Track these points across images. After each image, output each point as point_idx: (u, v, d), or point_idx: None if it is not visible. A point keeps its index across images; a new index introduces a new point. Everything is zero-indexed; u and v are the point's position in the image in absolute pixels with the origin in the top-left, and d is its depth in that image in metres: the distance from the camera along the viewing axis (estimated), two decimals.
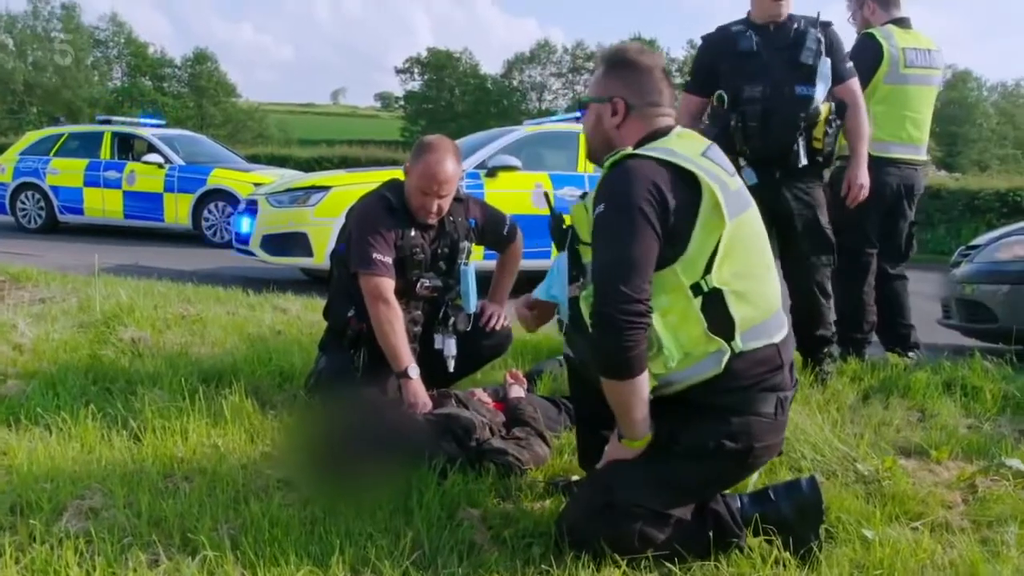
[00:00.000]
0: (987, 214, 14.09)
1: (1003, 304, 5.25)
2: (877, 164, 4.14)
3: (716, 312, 1.99)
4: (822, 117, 3.61)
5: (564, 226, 2.26)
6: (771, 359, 2.07)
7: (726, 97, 3.63)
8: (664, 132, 2.18)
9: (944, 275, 6.01)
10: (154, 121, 12.89)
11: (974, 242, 6.07)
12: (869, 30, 4.49)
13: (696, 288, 1.99)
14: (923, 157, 4.60)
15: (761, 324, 2.06)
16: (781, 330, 2.13)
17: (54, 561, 1.90)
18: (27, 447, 2.62)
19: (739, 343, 2.01)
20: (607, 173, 2.08)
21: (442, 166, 3.05)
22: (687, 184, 2.00)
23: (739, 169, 3.49)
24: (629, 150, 2.09)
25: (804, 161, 3.63)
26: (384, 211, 3.11)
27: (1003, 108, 61.70)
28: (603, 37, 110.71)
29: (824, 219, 3.80)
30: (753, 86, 3.56)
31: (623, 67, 2.25)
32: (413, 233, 3.14)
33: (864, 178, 3.94)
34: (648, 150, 2.07)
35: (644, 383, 2.00)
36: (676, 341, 2.00)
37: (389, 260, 3.04)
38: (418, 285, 3.18)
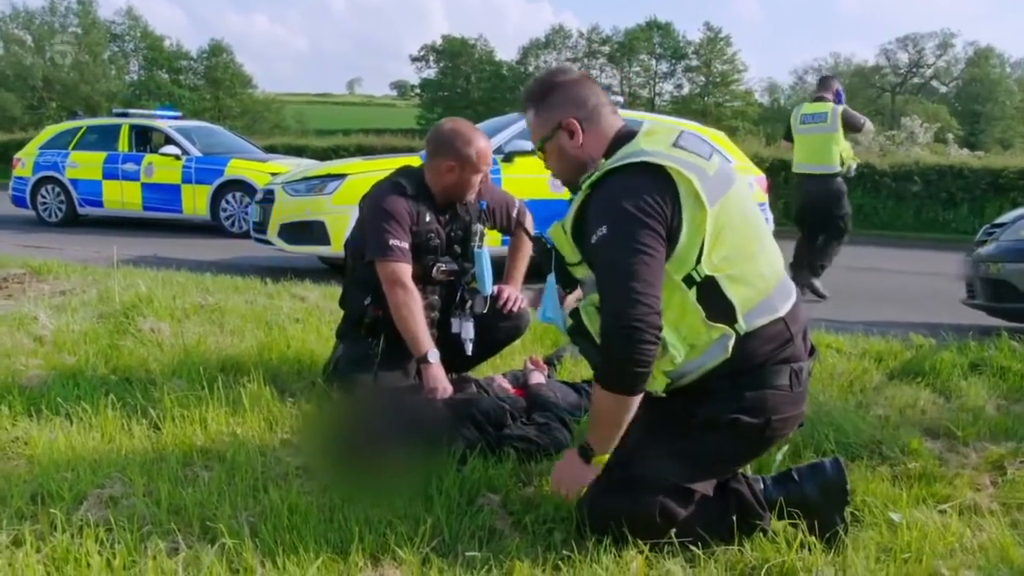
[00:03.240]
0: (1011, 192, 13.86)
1: None
2: None
3: (713, 299, 1.97)
4: None
5: (547, 247, 2.23)
6: (780, 334, 2.04)
7: None
8: (629, 134, 2.15)
9: (967, 255, 5.91)
10: (170, 113, 12.92)
11: (999, 220, 5.96)
12: None
13: (688, 279, 1.97)
14: None
15: (763, 301, 2.02)
16: (787, 301, 2.08)
17: (75, 549, 1.91)
18: (48, 437, 2.63)
19: (743, 324, 1.98)
20: (592, 195, 2.04)
21: (485, 140, 3.19)
22: (667, 181, 1.98)
23: None
24: (606, 166, 2.05)
25: None
26: (399, 197, 3.10)
27: None
28: (617, 20, 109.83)
29: None
30: None
31: (552, 92, 2.22)
32: (428, 218, 3.14)
33: None
34: (622, 160, 2.03)
35: (637, 404, 2.01)
36: (679, 336, 1.98)
37: (406, 246, 3.03)
38: (434, 270, 3.18)
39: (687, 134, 2.14)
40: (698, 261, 1.96)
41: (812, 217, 7.10)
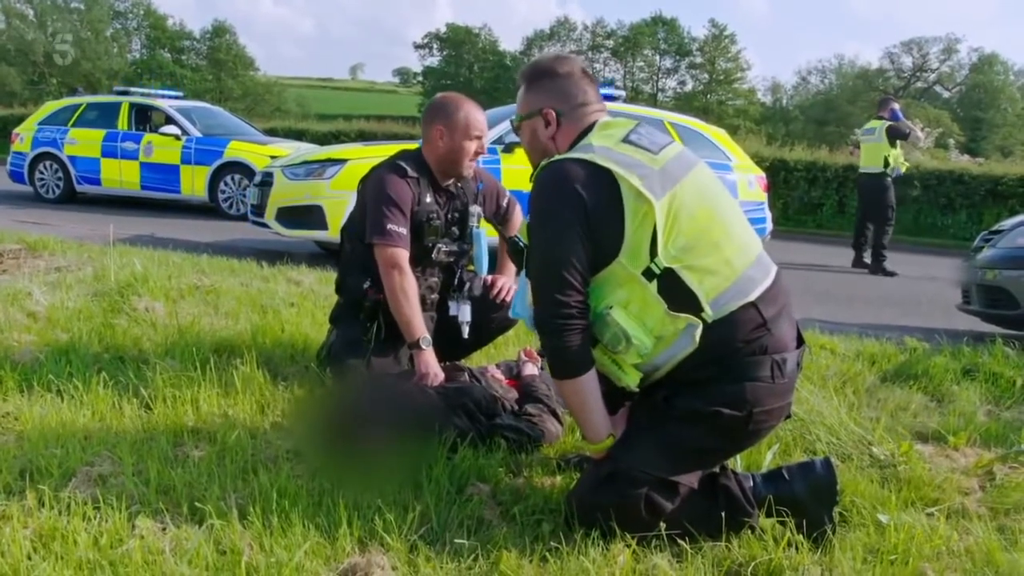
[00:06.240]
0: (1010, 200, 13.88)
1: None
2: None
3: (675, 291, 1.97)
4: None
5: (520, 246, 2.23)
6: (751, 319, 2.01)
7: None
8: (588, 130, 2.19)
9: (964, 260, 5.92)
10: (172, 93, 12.87)
11: (996, 227, 5.97)
12: None
13: (648, 273, 1.97)
14: None
15: (731, 287, 2.01)
16: (758, 286, 2.05)
17: (62, 526, 1.90)
18: (38, 413, 2.62)
19: (710, 312, 1.98)
20: (533, 185, 2.11)
21: (479, 110, 3.19)
22: (606, 178, 1.99)
23: None
24: (554, 157, 2.11)
25: None
26: (400, 180, 3.09)
27: None
28: (623, 14, 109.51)
29: None
30: None
31: (543, 78, 2.29)
32: (428, 199, 3.14)
33: None
34: (567, 154, 2.09)
35: (591, 383, 2.04)
36: (644, 329, 1.99)
37: (404, 231, 3.02)
38: (435, 251, 3.18)
39: (643, 127, 2.16)
40: (655, 253, 1.96)
41: (865, 207, 9.68)
